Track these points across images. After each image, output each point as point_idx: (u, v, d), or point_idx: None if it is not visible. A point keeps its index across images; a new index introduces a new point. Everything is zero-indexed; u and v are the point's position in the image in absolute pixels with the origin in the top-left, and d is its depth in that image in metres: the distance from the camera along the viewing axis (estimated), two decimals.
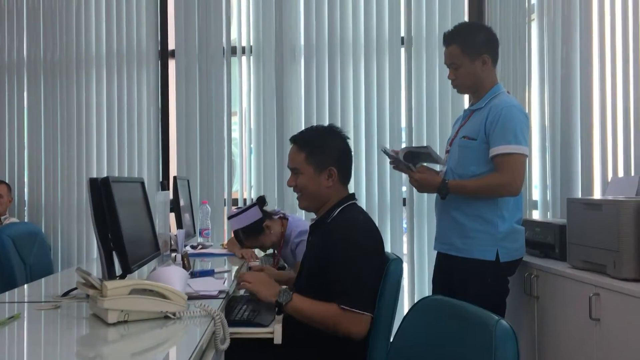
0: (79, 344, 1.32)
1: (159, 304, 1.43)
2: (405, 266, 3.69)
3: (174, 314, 1.45)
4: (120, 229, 1.60)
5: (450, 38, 2.29)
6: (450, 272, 2.30)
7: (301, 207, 2.01)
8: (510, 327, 1.17)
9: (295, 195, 2.00)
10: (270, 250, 2.86)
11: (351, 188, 3.76)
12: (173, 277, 1.64)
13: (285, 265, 2.88)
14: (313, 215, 2.04)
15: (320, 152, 1.91)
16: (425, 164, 2.32)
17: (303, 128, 3.84)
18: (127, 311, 1.40)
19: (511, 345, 1.15)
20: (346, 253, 1.75)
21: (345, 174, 1.95)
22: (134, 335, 1.33)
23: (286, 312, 1.78)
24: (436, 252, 2.42)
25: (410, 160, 2.30)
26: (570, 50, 2.89)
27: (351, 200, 1.95)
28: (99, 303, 1.39)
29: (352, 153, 2.00)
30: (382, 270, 1.85)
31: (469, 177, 2.24)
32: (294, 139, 1.97)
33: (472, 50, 2.25)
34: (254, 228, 2.67)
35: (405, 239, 3.82)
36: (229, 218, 2.73)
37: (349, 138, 1.98)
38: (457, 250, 2.25)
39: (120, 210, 1.63)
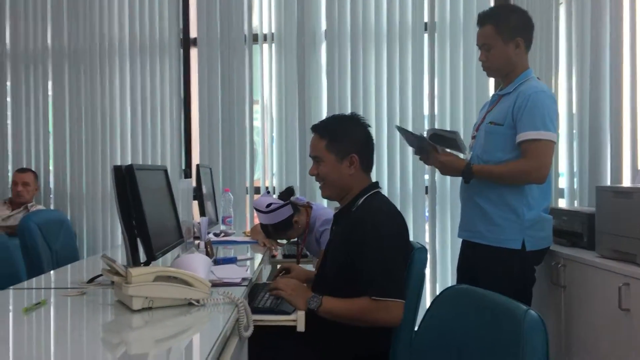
0: (104, 330, 1.33)
1: (182, 291, 1.43)
2: (428, 255, 3.69)
3: (198, 301, 1.45)
4: (145, 217, 1.60)
5: (485, 18, 2.24)
6: (475, 260, 2.27)
7: (324, 196, 2.00)
8: (540, 317, 1.15)
9: (318, 184, 1.99)
10: (295, 239, 2.85)
11: (373, 177, 3.83)
12: (196, 264, 1.64)
13: (308, 253, 2.87)
14: (337, 204, 2.02)
15: (341, 139, 1.90)
16: (448, 150, 2.28)
17: (325, 117, 3.88)
18: (152, 298, 1.40)
19: (541, 336, 1.12)
20: (373, 242, 1.74)
21: (367, 162, 1.94)
22: (158, 322, 1.33)
23: (319, 314, 1.78)
24: (461, 240, 2.40)
25: (435, 143, 2.27)
26: (599, 35, 2.82)
27: (375, 188, 1.94)
28: (124, 290, 1.39)
29: (374, 142, 1.98)
30: (408, 258, 1.83)
31: (495, 164, 2.21)
32: (315, 127, 1.97)
33: (507, 32, 2.20)
34: (284, 224, 2.66)
35: (427, 227, 3.79)
36: (259, 211, 2.67)
37: (370, 126, 1.97)
38: (482, 237, 2.22)
39: (144, 198, 1.63)
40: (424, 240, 3.74)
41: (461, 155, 2.31)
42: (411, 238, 3.59)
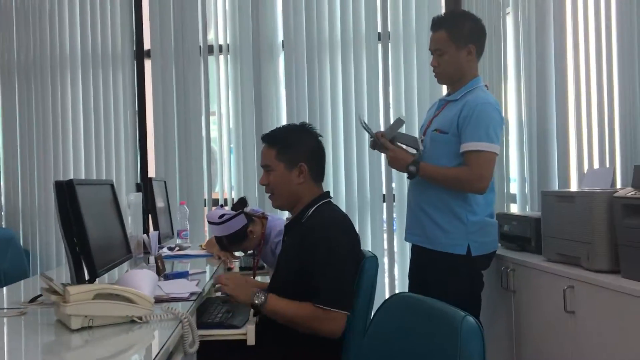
0: (43, 350, 1.29)
1: (124, 308, 1.40)
2: (385, 261, 3.73)
3: (140, 318, 1.42)
4: (86, 233, 1.57)
5: (439, 23, 2.25)
6: (424, 266, 2.29)
7: (275, 206, 2.01)
8: (477, 324, 1.16)
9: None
10: (251, 251, 2.84)
11: (330, 185, 3.90)
12: (141, 280, 1.61)
13: (265, 265, 2.86)
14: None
15: (291, 148, 1.91)
16: (403, 146, 2.30)
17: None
18: (92, 316, 1.37)
19: (477, 342, 1.14)
20: (323, 252, 1.75)
21: (317, 172, 1.95)
22: (98, 341, 1.31)
23: (263, 313, 1.77)
24: (411, 246, 2.42)
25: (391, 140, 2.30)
26: (545, 44, 2.90)
27: (326, 198, 1.95)
28: (62, 309, 1.36)
29: (326, 151, 2.00)
30: (359, 268, 1.85)
31: None
32: (265, 137, 1.98)
33: (460, 38, 2.21)
34: (239, 235, 2.64)
35: (385, 235, 3.82)
36: (212, 223, 2.65)
37: (321, 136, 1.99)
38: (428, 241, 2.24)
39: (87, 214, 1.60)
40: (383, 248, 3.76)
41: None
42: (369, 246, 3.72)
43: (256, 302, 1.76)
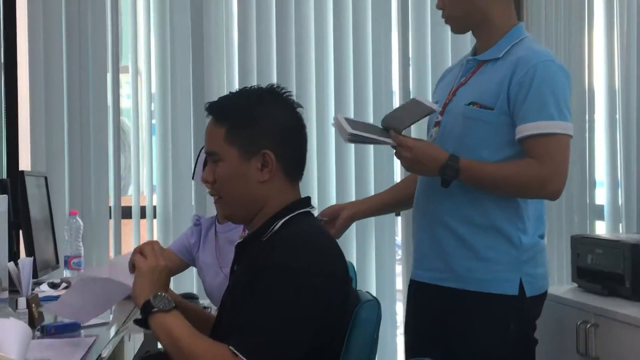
0: None
1: None
2: (400, 307, 3.72)
3: None
4: None
5: None
6: (443, 316, 2.31)
7: (223, 217, 2.06)
8: None
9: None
10: None
11: (312, 187, 3.80)
12: (3, 336, 1.60)
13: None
14: None
15: (249, 125, 1.92)
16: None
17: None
18: None
19: None
20: (266, 281, 1.79)
21: (291, 164, 1.95)
22: None
23: (151, 325, 1.81)
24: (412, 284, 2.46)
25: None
26: None
27: (304, 207, 1.96)
28: None
29: (305, 132, 2.00)
30: (341, 317, 1.86)
31: None
32: (211, 108, 1.97)
33: None
34: None
35: (400, 267, 3.83)
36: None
37: (300, 106, 2.00)
38: (456, 277, 2.27)
39: None
40: (393, 280, 3.78)
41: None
42: (372, 283, 3.74)
43: (155, 303, 1.80)
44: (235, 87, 3.79)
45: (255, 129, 1.91)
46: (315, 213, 2.08)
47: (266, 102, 1.95)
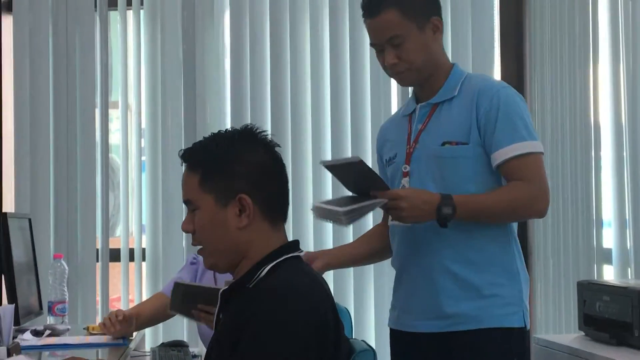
0: None
1: None
2: None
3: None
4: None
5: (381, 1, 2.37)
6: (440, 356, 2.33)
7: (207, 266, 2.01)
8: None
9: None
10: None
11: (305, 230, 3.79)
12: None
13: None
14: None
15: (222, 170, 1.91)
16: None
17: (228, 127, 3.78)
18: None
19: None
20: (258, 335, 1.76)
21: (271, 206, 1.93)
22: None
23: None
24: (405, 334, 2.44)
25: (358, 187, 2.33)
26: None
27: (291, 251, 1.94)
28: None
29: (284, 172, 1.99)
30: None
31: None
32: (183, 155, 1.98)
33: (418, 12, 2.36)
34: None
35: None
36: None
37: (278, 145, 1.98)
38: (468, 321, 2.29)
39: None
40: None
41: None
42: (371, 330, 3.71)
43: None
44: (228, 122, 3.83)
45: (229, 173, 1.91)
46: None
47: (239, 144, 1.94)
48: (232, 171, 1.90)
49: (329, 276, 3.47)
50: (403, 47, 2.35)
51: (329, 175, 3.75)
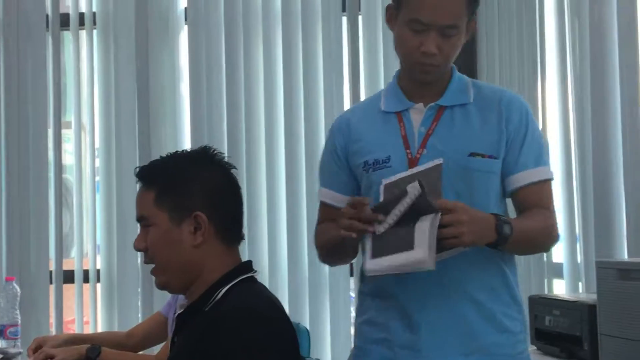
0: None
1: None
2: None
3: None
4: None
5: None
6: None
7: (159, 285, 2.00)
8: None
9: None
10: None
11: (259, 251, 3.78)
12: None
13: None
14: None
15: (178, 188, 1.93)
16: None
17: (186, 146, 3.79)
18: None
19: None
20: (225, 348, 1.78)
21: (226, 226, 1.95)
22: None
23: None
24: None
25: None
26: (602, 13, 2.95)
27: (246, 273, 1.96)
28: None
29: (239, 192, 2.02)
30: None
31: None
32: (139, 173, 2.00)
33: (473, 8, 2.13)
34: None
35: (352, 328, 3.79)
36: None
37: (234, 167, 2.01)
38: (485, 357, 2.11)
39: None
40: (349, 344, 3.74)
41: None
42: (327, 343, 3.65)
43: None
44: (186, 142, 3.84)
45: (185, 191, 1.92)
46: (259, 277, 2.05)
47: (196, 164, 1.98)
48: (188, 189, 1.92)
49: (283, 296, 3.56)
50: (450, 41, 2.07)
51: (283, 196, 3.79)
